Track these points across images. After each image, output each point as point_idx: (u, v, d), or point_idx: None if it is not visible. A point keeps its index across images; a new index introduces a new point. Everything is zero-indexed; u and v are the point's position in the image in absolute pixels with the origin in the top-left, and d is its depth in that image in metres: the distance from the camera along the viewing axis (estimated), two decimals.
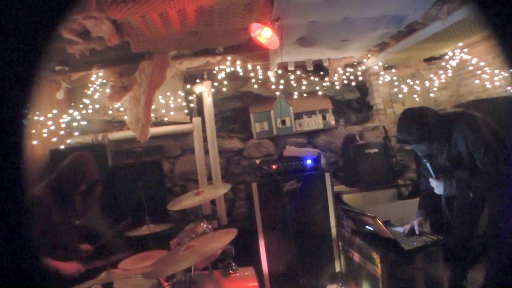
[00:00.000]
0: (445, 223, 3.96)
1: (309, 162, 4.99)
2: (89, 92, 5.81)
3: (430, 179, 3.69)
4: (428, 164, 3.66)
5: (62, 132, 5.45)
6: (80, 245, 3.88)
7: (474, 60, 6.31)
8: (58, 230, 3.49)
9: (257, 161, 5.02)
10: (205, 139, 6.03)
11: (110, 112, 5.92)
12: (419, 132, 3.47)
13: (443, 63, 6.81)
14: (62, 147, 5.28)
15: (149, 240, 4.29)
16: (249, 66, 5.85)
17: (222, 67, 5.70)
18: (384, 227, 3.41)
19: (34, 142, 4.83)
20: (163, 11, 3.50)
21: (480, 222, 3.88)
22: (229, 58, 5.42)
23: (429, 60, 6.96)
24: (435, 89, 6.90)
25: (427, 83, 6.89)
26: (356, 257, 3.89)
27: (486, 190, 3.45)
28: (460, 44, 5.96)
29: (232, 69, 5.76)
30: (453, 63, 6.62)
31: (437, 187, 3.64)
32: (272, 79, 6.20)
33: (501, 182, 3.35)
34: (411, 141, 3.57)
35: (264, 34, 3.84)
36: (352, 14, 4.05)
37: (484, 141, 3.35)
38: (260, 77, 6.14)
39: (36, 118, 4.90)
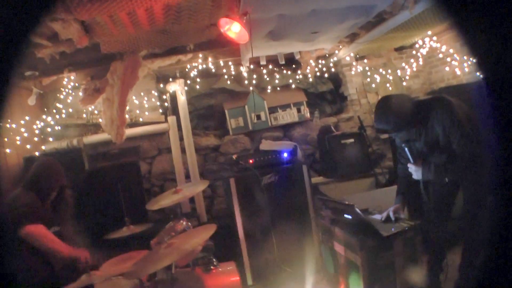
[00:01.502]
0: (423, 208, 4.03)
1: (285, 155, 5.02)
2: (61, 97, 5.74)
3: (409, 165, 3.73)
4: (406, 150, 3.70)
5: (36, 139, 5.39)
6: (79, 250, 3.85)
7: (444, 48, 6.39)
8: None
9: (234, 157, 5.03)
10: (181, 138, 6.02)
11: (84, 115, 5.86)
12: (397, 120, 3.50)
13: (414, 52, 6.89)
14: (36, 153, 5.21)
15: (130, 241, 4.27)
16: (221, 62, 5.85)
17: (194, 64, 5.69)
18: (362, 215, 3.45)
19: (7, 150, 4.76)
20: (130, 10, 3.48)
21: (455, 205, 3.96)
22: (200, 55, 5.41)
23: (399, 49, 7.04)
24: (407, 77, 6.98)
25: (399, 72, 6.96)
26: (336, 246, 3.92)
27: (462, 172, 3.51)
28: (429, 32, 6.03)
29: (204, 66, 5.75)
30: (423, 51, 6.69)
31: (416, 172, 3.67)
32: (245, 74, 6.20)
33: (476, 165, 3.42)
34: (390, 130, 3.63)
35: (233, 29, 3.85)
36: (320, 5, 4.05)
37: (460, 125, 3.40)
38: (233, 73, 6.14)
39: (8, 126, 4.83)
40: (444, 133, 3.49)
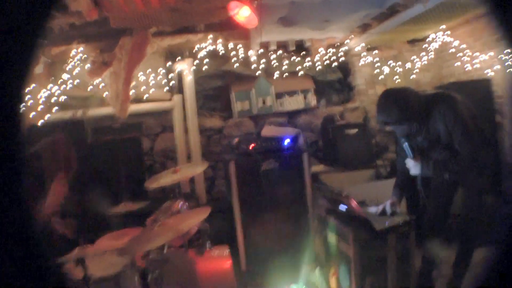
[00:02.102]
0: (420, 204, 4.03)
1: (287, 141, 5.01)
2: (69, 67, 5.72)
3: (408, 159, 3.71)
4: (406, 144, 3.68)
5: (40, 108, 5.39)
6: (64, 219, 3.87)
7: (456, 43, 6.33)
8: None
9: (236, 140, 5.04)
10: (185, 118, 6.01)
11: (89, 88, 5.85)
12: (399, 113, 3.47)
13: (426, 45, 6.81)
14: (40, 122, 5.22)
15: (126, 218, 4.30)
16: (231, 45, 5.81)
17: (203, 45, 5.65)
18: (357, 207, 3.45)
19: None
20: None
21: (454, 203, 3.96)
22: (210, 36, 5.37)
23: (411, 42, 6.96)
24: (417, 70, 6.91)
25: (409, 65, 6.90)
26: (330, 236, 3.94)
27: (463, 171, 3.50)
28: (443, 26, 5.97)
29: (214, 47, 5.71)
30: (436, 45, 6.62)
31: (414, 167, 3.66)
32: (253, 58, 6.16)
33: (477, 164, 3.41)
34: (391, 122, 3.59)
35: (242, 13, 3.83)
36: None
37: (463, 123, 3.38)
38: (241, 56, 6.10)
39: None
40: (446, 130, 3.46)
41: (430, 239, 3.92)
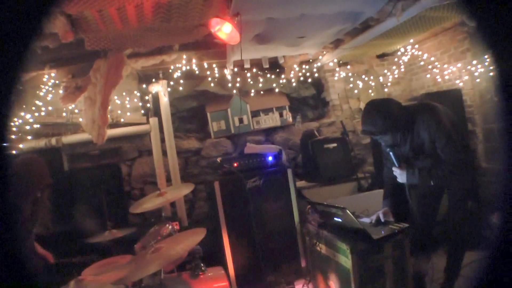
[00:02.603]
0: (409, 212, 4.07)
1: (270, 158, 4.99)
2: (41, 94, 5.57)
3: (394, 168, 3.81)
4: (391, 154, 3.76)
5: (13, 137, 5.22)
6: (42, 251, 3.70)
7: (425, 56, 6.49)
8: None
9: (218, 160, 4.99)
10: (162, 140, 5.91)
11: (64, 114, 5.70)
12: (383, 123, 3.55)
13: (396, 59, 6.96)
14: (14, 152, 5.04)
15: (112, 246, 4.17)
16: (205, 65, 5.77)
17: (178, 65, 5.60)
18: (354, 218, 3.44)
19: None
20: (121, 6, 3.39)
21: (439, 209, 4.04)
22: (184, 56, 5.33)
23: (381, 56, 7.09)
24: (389, 84, 7.03)
25: (381, 79, 7.01)
26: (324, 250, 3.90)
27: (447, 178, 3.58)
28: (411, 40, 6.11)
29: (188, 67, 5.66)
30: (405, 58, 6.78)
31: (400, 175, 3.76)
32: (228, 77, 6.14)
33: (461, 170, 3.49)
34: (375, 132, 3.67)
35: (224, 30, 3.79)
36: (309, 10, 4.04)
37: (445, 131, 3.49)
38: (217, 75, 6.07)
39: None
40: (429, 138, 3.58)
41: (421, 246, 3.97)
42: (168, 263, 3.16)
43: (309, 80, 6.82)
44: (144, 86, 5.99)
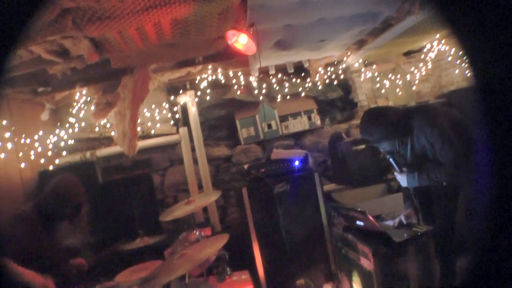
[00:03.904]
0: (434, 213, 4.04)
1: (297, 163, 5.03)
2: (74, 111, 5.82)
3: (395, 173, 3.88)
4: (391, 160, 3.83)
5: (50, 153, 5.46)
6: (75, 260, 3.86)
7: (452, 51, 6.39)
8: (45, 251, 3.46)
9: (245, 166, 5.07)
10: (192, 149, 6.07)
11: (96, 129, 5.94)
12: (378, 132, 3.63)
13: (422, 56, 6.88)
14: (50, 168, 5.29)
15: (144, 253, 4.32)
16: (231, 73, 5.89)
17: (203, 76, 5.74)
18: (374, 221, 3.45)
19: (22, 165, 4.84)
20: (139, 26, 3.54)
21: (458, 211, 3.96)
22: (209, 66, 5.46)
23: (408, 54, 7.03)
24: (417, 82, 6.97)
25: (408, 77, 6.96)
26: (350, 253, 3.92)
27: (445, 181, 3.58)
28: (437, 36, 6.04)
29: (214, 77, 5.80)
30: (432, 55, 6.69)
31: (401, 180, 3.80)
32: (254, 84, 6.24)
33: (459, 172, 3.42)
34: (372, 141, 3.74)
35: (240, 41, 3.89)
36: (326, 14, 4.08)
37: (441, 134, 3.45)
38: (242, 83, 6.18)
39: (22, 141, 4.91)
40: (426, 141, 3.55)
41: (444, 249, 3.92)
42: (195, 268, 3.27)
43: (336, 82, 6.84)
44: (172, 97, 6.17)
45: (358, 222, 3.74)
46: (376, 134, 3.63)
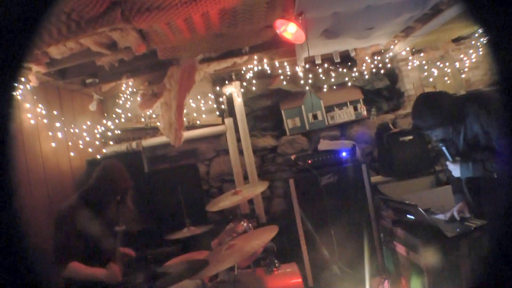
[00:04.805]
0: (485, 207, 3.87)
1: (344, 154, 4.98)
2: (120, 102, 5.91)
3: (447, 163, 3.63)
4: (444, 148, 3.60)
5: (97, 143, 5.56)
6: (123, 249, 3.91)
7: None
8: (94, 238, 3.50)
9: (293, 157, 5.03)
10: (238, 139, 6.08)
11: (142, 119, 6.01)
12: (432, 118, 3.42)
13: (473, 42, 6.65)
14: (98, 157, 5.39)
15: (190, 242, 4.35)
16: (277, 63, 5.85)
17: (249, 66, 5.72)
18: (425, 215, 3.36)
19: (71, 154, 4.95)
20: (187, 17, 3.52)
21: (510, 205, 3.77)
22: (255, 57, 5.43)
23: (457, 40, 6.80)
24: (466, 69, 6.75)
25: (457, 64, 6.74)
26: (399, 248, 3.83)
27: (503, 170, 3.37)
28: None
29: (260, 67, 5.77)
30: (483, 41, 6.46)
31: (454, 170, 3.57)
32: (300, 74, 6.18)
33: None
34: (424, 127, 3.53)
35: (289, 30, 3.84)
36: (374, 1, 3.98)
37: (498, 121, 3.28)
38: (288, 73, 6.13)
39: (71, 130, 5.02)
40: (482, 129, 3.35)
41: (498, 247, 3.75)
42: (243, 259, 3.25)
43: (382, 71, 6.69)
44: (218, 88, 6.18)
45: (408, 216, 3.65)
46: (430, 121, 3.43)
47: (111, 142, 5.84)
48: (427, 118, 3.45)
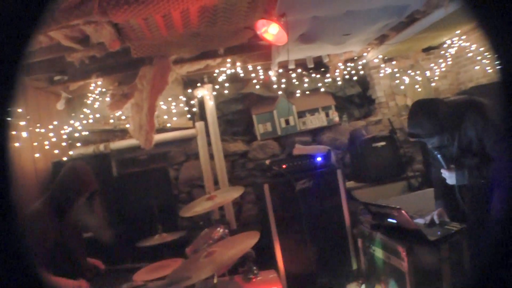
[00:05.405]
0: (460, 212, 3.90)
1: (319, 159, 4.93)
2: (88, 102, 5.69)
3: (442, 170, 3.60)
4: (439, 156, 3.58)
5: (64, 144, 5.35)
6: (91, 260, 3.73)
7: (473, 47, 6.26)
8: (62, 244, 3.33)
9: (267, 162, 4.96)
10: (209, 143, 5.94)
11: (111, 121, 5.82)
12: (431, 126, 3.39)
13: (442, 52, 6.77)
14: (64, 158, 5.17)
15: (162, 249, 4.20)
16: (250, 67, 5.77)
17: (222, 69, 5.62)
18: (409, 219, 3.33)
19: (36, 155, 4.73)
20: (166, 13, 3.41)
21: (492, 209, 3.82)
22: (229, 60, 5.34)
23: (427, 50, 6.91)
24: (435, 78, 6.85)
25: (427, 73, 6.84)
26: (378, 252, 3.80)
27: (497, 176, 3.39)
28: (458, 31, 5.93)
29: (233, 70, 5.67)
30: (452, 51, 6.58)
31: (449, 178, 3.55)
32: (273, 78, 6.12)
33: (510, 167, 3.29)
34: (423, 135, 3.49)
35: (270, 31, 3.76)
36: (355, 6, 3.97)
37: (492, 127, 3.30)
38: (261, 77, 6.05)
39: (37, 130, 4.79)
40: (476, 136, 3.36)
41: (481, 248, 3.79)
42: (223, 267, 3.14)
43: (355, 78, 6.73)
44: (189, 91, 6.05)
45: (389, 220, 3.62)
46: (428, 128, 3.40)
47: (78, 144, 5.62)
48: (427, 125, 3.40)
